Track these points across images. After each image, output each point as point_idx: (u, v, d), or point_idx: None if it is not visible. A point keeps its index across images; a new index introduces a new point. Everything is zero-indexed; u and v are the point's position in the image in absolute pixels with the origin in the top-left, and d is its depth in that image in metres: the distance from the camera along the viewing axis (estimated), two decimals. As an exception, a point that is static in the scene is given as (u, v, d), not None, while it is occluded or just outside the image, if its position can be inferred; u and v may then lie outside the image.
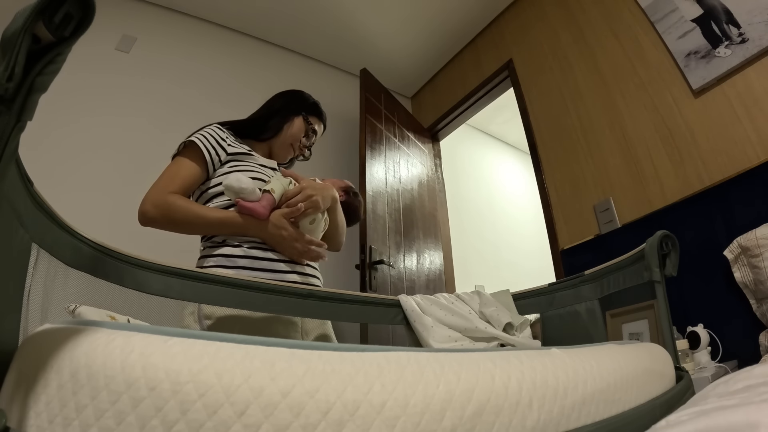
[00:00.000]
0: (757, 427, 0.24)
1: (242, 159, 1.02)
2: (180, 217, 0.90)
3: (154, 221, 0.90)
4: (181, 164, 0.97)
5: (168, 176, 0.95)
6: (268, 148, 1.18)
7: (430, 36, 2.86)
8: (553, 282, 1.05)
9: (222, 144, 1.01)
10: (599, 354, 0.46)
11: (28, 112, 0.28)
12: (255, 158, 1.05)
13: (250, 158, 1.04)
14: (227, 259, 0.90)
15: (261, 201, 0.90)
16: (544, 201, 2.19)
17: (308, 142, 1.21)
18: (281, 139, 1.16)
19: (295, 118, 1.18)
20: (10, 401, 0.28)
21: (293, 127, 1.17)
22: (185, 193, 0.95)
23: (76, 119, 1.93)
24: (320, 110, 1.24)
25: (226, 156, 1.01)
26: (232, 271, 0.87)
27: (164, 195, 0.91)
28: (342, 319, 0.97)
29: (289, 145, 1.17)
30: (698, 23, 1.64)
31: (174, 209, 0.90)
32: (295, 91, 1.26)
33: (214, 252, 0.92)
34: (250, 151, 1.06)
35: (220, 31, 2.61)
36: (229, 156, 1.01)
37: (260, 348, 0.28)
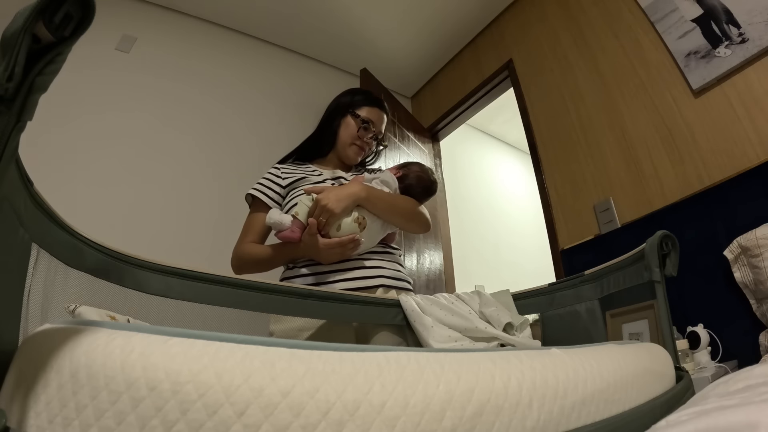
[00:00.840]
0: (757, 427, 0.24)
1: (296, 185, 1.12)
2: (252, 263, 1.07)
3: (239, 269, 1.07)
4: (250, 218, 1.13)
5: (243, 231, 1.12)
6: (336, 158, 1.23)
7: (430, 36, 2.86)
8: (553, 282, 1.05)
9: (276, 182, 1.14)
10: (599, 354, 0.46)
11: (28, 112, 0.28)
12: (313, 177, 1.13)
13: (304, 181, 1.12)
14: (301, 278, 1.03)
15: (291, 227, 0.99)
16: (544, 201, 2.19)
17: (368, 134, 1.21)
18: (341, 145, 1.21)
19: (343, 119, 1.20)
20: (10, 401, 0.28)
21: (345, 128, 1.20)
22: (261, 239, 1.11)
23: (76, 119, 1.93)
24: (370, 98, 1.24)
25: (283, 190, 1.14)
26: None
27: (240, 248, 1.09)
28: (342, 319, 0.97)
29: (351, 146, 1.20)
30: (698, 23, 1.64)
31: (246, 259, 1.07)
32: (340, 94, 1.27)
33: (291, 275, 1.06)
34: (309, 173, 1.14)
35: (220, 31, 2.61)
36: (286, 188, 1.13)
37: (260, 348, 0.28)
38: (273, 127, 2.53)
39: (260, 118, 2.53)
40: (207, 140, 2.28)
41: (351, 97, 1.23)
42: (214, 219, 2.08)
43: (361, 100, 1.22)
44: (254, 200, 1.13)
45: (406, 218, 1.10)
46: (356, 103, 1.22)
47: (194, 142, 2.23)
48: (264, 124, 2.52)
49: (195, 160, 2.19)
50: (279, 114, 2.60)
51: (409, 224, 1.12)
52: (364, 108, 1.21)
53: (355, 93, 1.25)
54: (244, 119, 2.46)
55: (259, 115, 2.53)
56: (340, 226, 0.97)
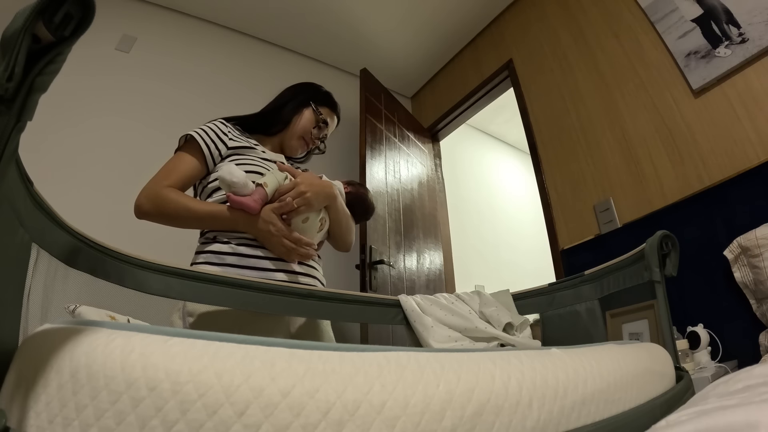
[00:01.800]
0: (757, 427, 0.24)
1: (243, 153, 1.00)
2: (171, 211, 0.89)
3: (147, 214, 0.91)
4: (179, 158, 0.97)
5: (165, 170, 0.95)
6: (278, 142, 1.15)
7: (430, 36, 2.86)
8: (553, 282, 1.05)
9: (222, 138, 1.00)
10: (599, 354, 0.46)
11: (28, 112, 0.28)
12: (259, 152, 1.03)
13: (252, 152, 1.01)
14: (216, 255, 0.89)
15: (253, 195, 0.87)
16: (544, 201, 2.19)
17: (320, 133, 1.17)
18: (291, 132, 1.13)
19: (305, 109, 1.15)
20: (10, 401, 0.28)
21: (302, 118, 1.14)
22: (182, 188, 0.95)
23: (76, 119, 1.93)
24: (332, 101, 1.20)
25: (226, 150, 1.00)
26: (219, 268, 0.86)
27: (159, 188, 0.91)
28: (342, 319, 0.97)
29: (300, 138, 1.14)
30: (698, 23, 1.64)
31: (166, 202, 0.89)
32: (305, 83, 1.22)
33: (205, 248, 0.91)
34: (255, 145, 1.04)
35: (220, 31, 2.61)
36: (230, 150, 1.00)
37: (260, 348, 0.28)
38: (273, 127, 2.52)
39: (260, 118, 2.53)
40: (207, 140, 2.28)
41: (315, 90, 1.19)
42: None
43: (325, 99, 1.19)
44: (190, 143, 0.99)
45: (347, 233, 1.09)
46: (320, 99, 1.18)
47: (194, 142, 2.23)
48: (264, 124, 2.52)
49: (195, 160, 2.19)
50: (279, 114, 2.59)
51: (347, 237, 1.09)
52: (326, 108, 1.18)
53: (320, 89, 1.21)
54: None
55: (259, 115, 2.53)
56: (307, 218, 0.92)
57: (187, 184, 0.97)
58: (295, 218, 0.90)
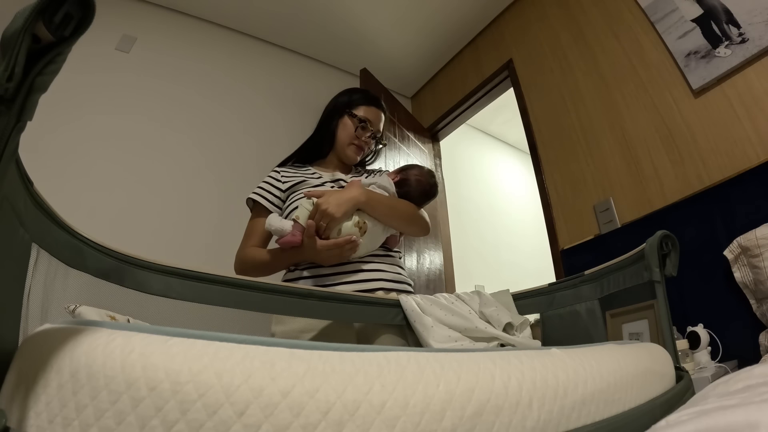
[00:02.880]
0: (757, 427, 0.24)
1: (296, 189, 1.12)
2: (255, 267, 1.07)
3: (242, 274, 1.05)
4: (253, 223, 1.14)
5: (246, 236, 1.13)
6: (336, 159, 1.23)
7: (430, 36, 2.86)
8: (553, 282, 1.04)
9: (277, 185, 1.15)
10: (599, 354, 0.46)
11: (28, 112, 0.28)
12: (313, 180, 1.13)
13: (304, 184, 1.12)
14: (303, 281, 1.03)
15: (292, 231, 0.98)
16: (544, 201, 2.19)
17: (365, 133, 1.21)
18: (339, 145, 1.21)
19: (341, 119, 1.20)
20: (10, 401, 0.28)
21: (342, 128, 1.20)
22: (263, 244, 1.11)
23: (76, 119, 1.93)
24: (367, 97, 1.24)
25: (282, 193, 1.14)
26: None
27: (243, 252, 1.10)
28: (342, 319, 0.97)
29: (349, 146, 1.20)
30: (698, 23, 1.64)
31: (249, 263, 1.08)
32: (338, 94, 1.27)
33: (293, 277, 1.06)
34: (309, 176, 1.14)
35: (220, 31, 2.61)
36: (285, 192, 1.13)
37: (260, 348, 0.28)
38: (273, 127, 2.53)
39: (260, 117, 2.53)
40: (207, 140, 2.28)
41: (348, 96, 1.23)
42: (214, 219, 2.08)
43: (358, 99, 1.22)
44: (255, 204, 1.14)
45: (406, 222, 1.10)
46: (353, 102, 1.21)
47: (194, 141, 2.23)
48: (264, 124, 2.52)
49: (195, 160, 2.19)
50: (279, 114, 2.60)
51: (409, 227, 1.12)
52: (361, 107, 1.21)
53: (353, 92, 1.25)
54: (244, 119, 2.47)
55: (260, 115, 2.53)
56: (340, 230, 0.97)
57: (266, 238, 1.12)
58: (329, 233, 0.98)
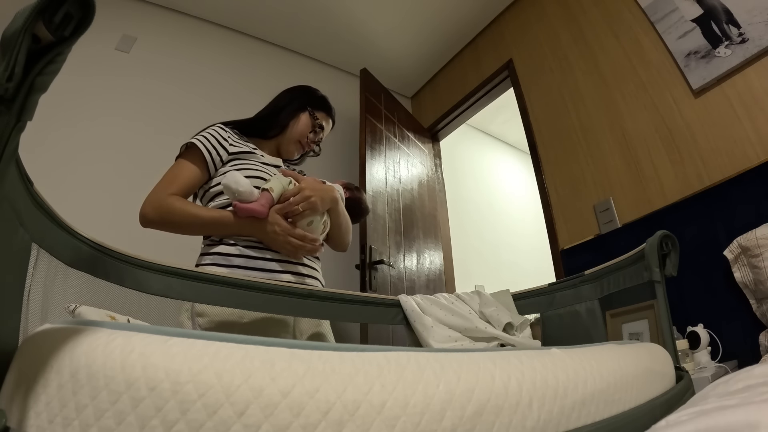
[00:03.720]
0: (757, 427, 0.24)
1: (244, 158, 1.02)
2: (177, 219, 0.91)
3: (153, 223, 0.92)
4: (181, 166, 0.99)
5: (168, 178, 0.97)
6: (275, 146, 1.17)
7: (430, 36, 2.86)
8: (553, 282, 1.05)
9: (223, 144, 1.02)
10: (599, 354, 0.46)
11: (28, 112, 0.28)
12: (258, 156, 1.05)
13: (252, 156, 1.04)
14: (223, 257, 0.91)
15: (259, 200, 0.90)
16: (544, 201, 2.19)
17: (315, 137, 1.19)
18: (288, 136, 1.15)
19: (301, 113, 1.17)
20: (10, 401, 0.28)
21: (299, 123, 1.16)
22: (185, 195, 0.96)
23: (75, 119, 1.93)
24: (328, 105, 1.23)
25: (227, 155, 1.01)
26: (227, 269, 0.88)
27: (163, 197, 0.92)
28: (342, 319, 0.97)
29: (296, 142, 1.16)
30: (698, 23, 1.64)
31: (171, 211, 0.91)
32: (301, 87, 1.24)
33: (211, 250, 0.93)
34: (254, 150, 1.06)
35: (220, 31, 2.61)
36: (231, 155, 1.02)
37: (260, 348, 0.28)
38: (273, 127, 2.53)
39: (260, 118, 2.53)
40: (207, 140, 2.28)
41: (311, 95, 1.21)
42: (214, 219, 2.08)
43: (321, 104, 1.21)
44: (191, 150, 1.00)
45: (346, 234, 1.12)
46: (316, 103, 1.20)
47: (194, 142, 2.23)
48: (264, 124, 2.52)
49: (195, 160, 2.19)
50: (279, 114, 2.59)
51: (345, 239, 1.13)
52: (321, 112, 1.21)
53: (316, 93, 1.23)
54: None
55: (259, 115, 2.53)
56: (312, 222, 0.96)
57: (190, 191, 0.98)
58: (300, 221, 0.93)
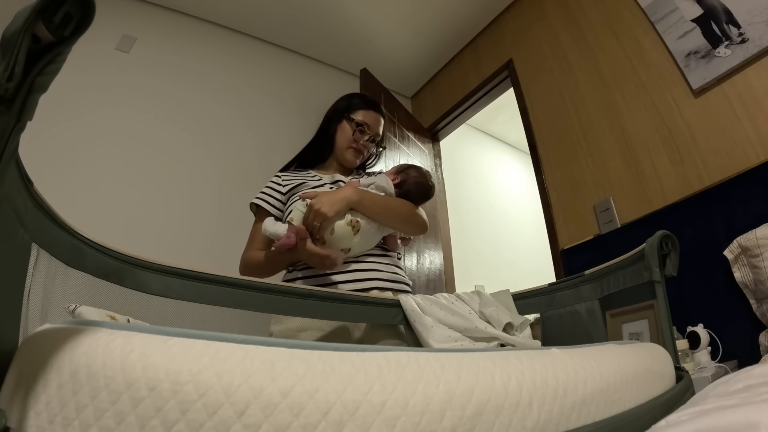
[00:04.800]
0: (757, 427, 0.24)
1: (296, 191, 1.14)
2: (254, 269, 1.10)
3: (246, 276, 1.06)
4: (254, 227, 1.17)
5: (249, 240, 1.16)
6: (336, 163, 1.25)
7: (430, 36, 2.86)
8: (553, 282, 1.04)
9: (277, 189, 1.18)
10: (599, 354, 0.46)
11: (28, 112, 0.28)
12: (309, 184, 1.15)
13: (303, 186, 1.14)
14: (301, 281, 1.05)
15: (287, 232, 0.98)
16: (544, 201, 2.19)
17: (364, 136, 1.23)
18: (339, 149, 1.23)
19: (339, 123, 1.23)
20: (10, 401, 0.28)
21: (341, 132, 1.22)
22: (266, 246, 1.13)
23: (76, 119, 1.93)
24: (364, 101, 1.26)
25: (284, 197, 1.17)
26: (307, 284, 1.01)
27: (245, 256, 1.13)
28: (342, 319, 0.97)
29: (348, 149, 1.22)
30: (698, 23, 1.64)
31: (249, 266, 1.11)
32: (338, 100, 1.29)
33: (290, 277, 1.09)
34: (310, 178, 1.17)
35: (220, 31, 2.61)
36: (286, 195, 1.16)
37: (260, 348, 0.28)
38: (273, 127, 2.53)
39: (260, 117, 2.53)
40: (207, 140, 2.28)
41: (347, 101, 1.26)
42: (214, 219, 2.08)
43: (357, 104, 1.24)
44: (258, 209, 1.17)
45: (402, 221, 1.10)
46: (352, 106, 1.24)
47: (194, 142, 2.23)
48: (264, 124, 2.52)
49: (195, 161, 2.19)
50: (279, 114, 2.60)
51: (405, 226, 1.12)
52: (359, 111, 1.23)
53: (351, 97, 1.27)
54: (244, 119, 2.47)
55: (259, 115, 2.53)
56: (333, 229, 0.97)
57: (268, 242, 1.12)
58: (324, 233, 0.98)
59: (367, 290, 1.03)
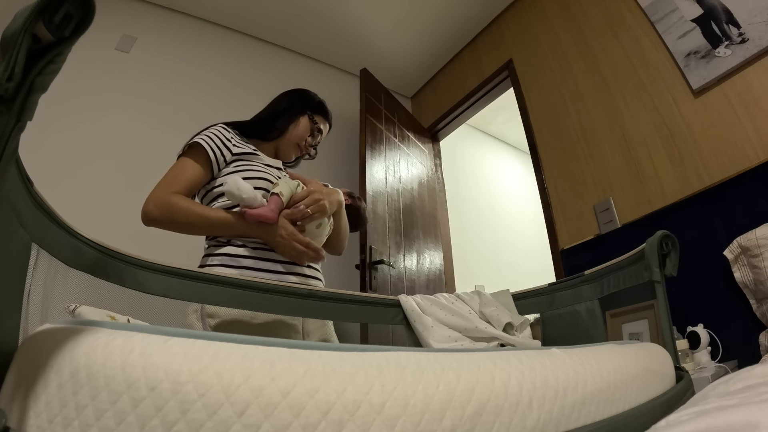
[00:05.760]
0: (757, 427, 0.24)
1: (247, 159, 1.03)
2: (181, 218, 0.90)
3: (156, 221, 0.91)
4: (185, 165, 0.97)
5: (171, 176, 0.95)
6: (274, 148, 1.18)
7: (430, 36, 2.86)
8: (553, 282, 1.05)
9: (227, 144, 1.02)
10: (599, 354, 0.46)
11: (28, 112, 0.28)
12: (260, 158, 1.06)
13: (255, 158, 1.04)
14: (231, 258, 0.91)
15: (269, 204, 0.90)
16: (544, 201, 2.19)
17: (314, 141, 1.22)
18: (287, 139, 1.17)
19: (301, 117, 1.19)
20: (10, 401, 0.28)
21: (299, 126, 1.18)
22: (189, 194, 0.96)
23: (76, 119, 1.93)
24: (326, 109, 1.25)
25: (231, 156, 1.01)
26: (236, 270, 0.88)
27: (167, 195, 0.91)
28: (342, 319, 0.97)
29: (295, 145, 1.18)
30: (698, 23, 1.64)
31: (175, 209, 0.90)
32: (300, 90, 1.26)
33: (218, 251, 0.93)
34: (256, 151, 1.07)
35: (220, 31, 2.61)
36: (234, 156, 1.02)
37: (260, 348, 0.28)
38: (273, 127, 2.53)
39: (260, 118, 2.53)
40: (207, 140, 2.28)
41: (311, 100, 1.23)
42: (214, 219, 2.08)
43: (319, 108, 1.23)
44: (194, 149, 0.99)
45: (344, 238, 1.15)
46: (315, 107, 1.22)
47: (194, 142, 2.23)
48: (264, 124, 2.52)
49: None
50: (279, 114, 2.60)
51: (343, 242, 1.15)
52: (320, 116, 1.23)
53: (314, 98, 1.25)
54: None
55: (259, 115, 2.53)
56: (320, 224, 0.99)
57: (193, 190, 0.98)
58: (309, 224, 0.95)
59: None
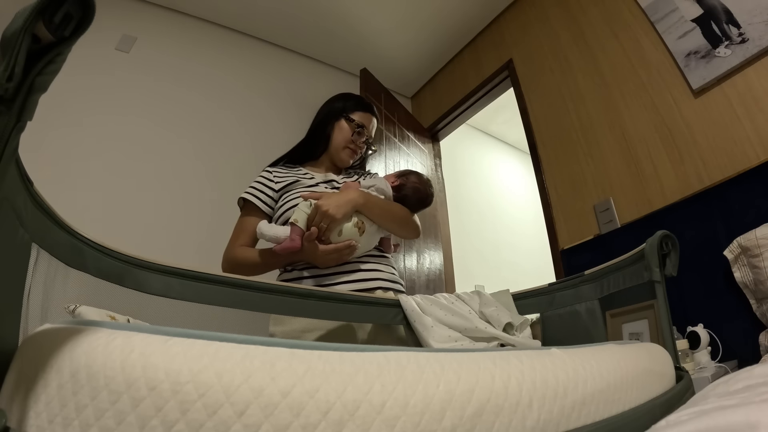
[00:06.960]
0: (757, 427, 0.24)
1: (289, 189, 1.12)
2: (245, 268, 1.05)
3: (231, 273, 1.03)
4: (242, 222, 1.13)
5: (235, 233, 1.12)
6: (329, 160, 1.24)
7: (430, 36, 2.86)
8: (553, 282, 1.04)
9: (269, 185, 1.14)
10: (599, 354, 0.46)
11: (28, 112, 0.28)
12: (305, 181, 1.13)
13: (298, 184, 1.12)
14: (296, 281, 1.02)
15: (291, 234, 0.98)
16: (544, 201, 2.19)
17: (360, 138, 1.23)
18: (333, 148, 1.22)
19: (337, 122, 1.22)
20: (10, 401, 0.28)
21: (339, 131, 1.21)
22: (252, 243, 1.10)
23: (76, 119, 1.93)
24: (363, 103, 1.26)
25: (275, 194, 1.13)
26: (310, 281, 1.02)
27: (232, 251, 1.09)
28: (342, 319, 0.97)
29: (344, 149, 1.21)
30: (698, 23, 1.64)
31: (239, 263, 1.07)
32: (333, 97, 1.28)
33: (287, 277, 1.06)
34: (302, 176, 1.14)
35: (220, 31, 2.61)
36: (279, 192, 1.13)
37: (260, 348, 0.28)
38: (273, 128, 2.53)
39: (260, 118, 2.53)
40: (206, 140, 2.28)
41: (344, 101, 1.25)
42: (214, 219, 2.08)
43: (354, 105, 1.24)
44: (246, 203, 1.13)
45: (399, 224, 1.12)
46: (350, 107, 1.24)
47: (193, 141, 2.23)
48: (264, 124, 2.52)
49: (194, 160, 2.19)
50: (278, 114, 2.60)
51: (401, 230, 1.14)
52: (357, 112, 1.23)
53: (348, 98, 1.27)
54: (244, 119, 2.46)
55: (259, 115, 2.53)
56: (341, 231, 0.99)
57: (255, 238, 1.10)
58: (329, 235, 0.98)
59: (372, 290, 1.03)
